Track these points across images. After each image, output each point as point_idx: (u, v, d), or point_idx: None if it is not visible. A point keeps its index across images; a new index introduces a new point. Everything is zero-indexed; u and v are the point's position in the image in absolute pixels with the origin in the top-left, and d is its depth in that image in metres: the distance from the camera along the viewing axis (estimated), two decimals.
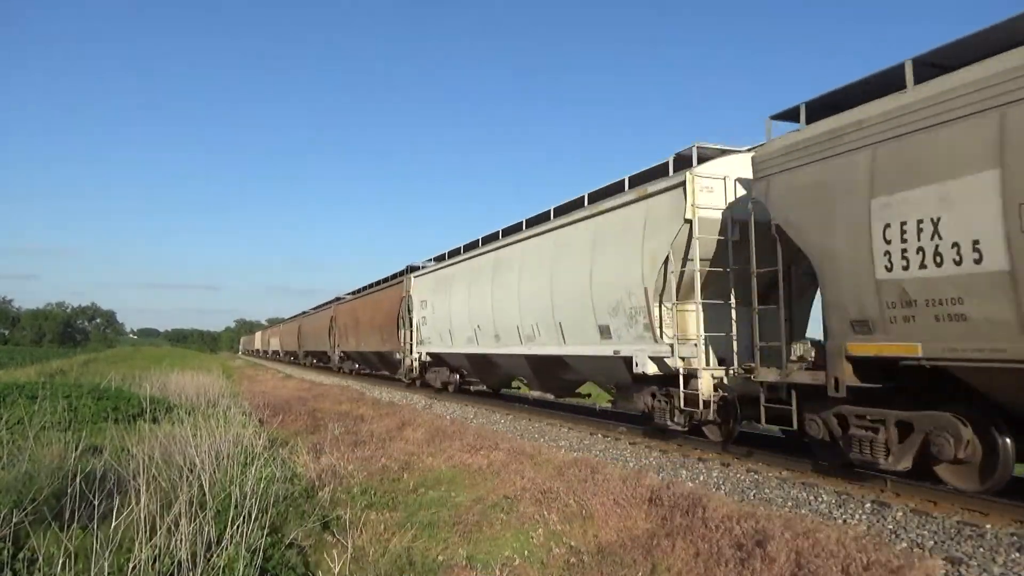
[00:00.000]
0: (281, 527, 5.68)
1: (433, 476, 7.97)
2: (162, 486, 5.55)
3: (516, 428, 13.10)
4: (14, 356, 53.55)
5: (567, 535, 5.54)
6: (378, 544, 5.43)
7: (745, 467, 8.70)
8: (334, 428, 11.21)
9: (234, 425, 8.68)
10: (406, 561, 5.12)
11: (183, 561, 4.20)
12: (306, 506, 6.44)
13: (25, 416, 9.36)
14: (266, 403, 15.27)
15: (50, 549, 4.18)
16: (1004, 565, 5.00)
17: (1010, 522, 5.95)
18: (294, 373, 38.18)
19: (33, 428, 8.19)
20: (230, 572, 4.20)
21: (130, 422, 10.98)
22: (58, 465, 6.40)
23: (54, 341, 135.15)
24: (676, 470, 8.79)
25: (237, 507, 4.88)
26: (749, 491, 7.57)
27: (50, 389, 13.65)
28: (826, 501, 7.00)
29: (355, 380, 30.84)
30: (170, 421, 10.37)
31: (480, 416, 15.16)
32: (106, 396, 14.00)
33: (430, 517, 6.23)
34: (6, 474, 6.38)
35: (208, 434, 7.24)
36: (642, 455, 9.88)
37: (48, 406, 10.36)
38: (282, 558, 4.81)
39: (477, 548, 5.38)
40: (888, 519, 6.27)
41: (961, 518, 6.16)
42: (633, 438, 11.30)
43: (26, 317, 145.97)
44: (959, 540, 5.59)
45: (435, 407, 17.11)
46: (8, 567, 4.33)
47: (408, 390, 23.16)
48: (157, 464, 6.05)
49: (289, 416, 13.89)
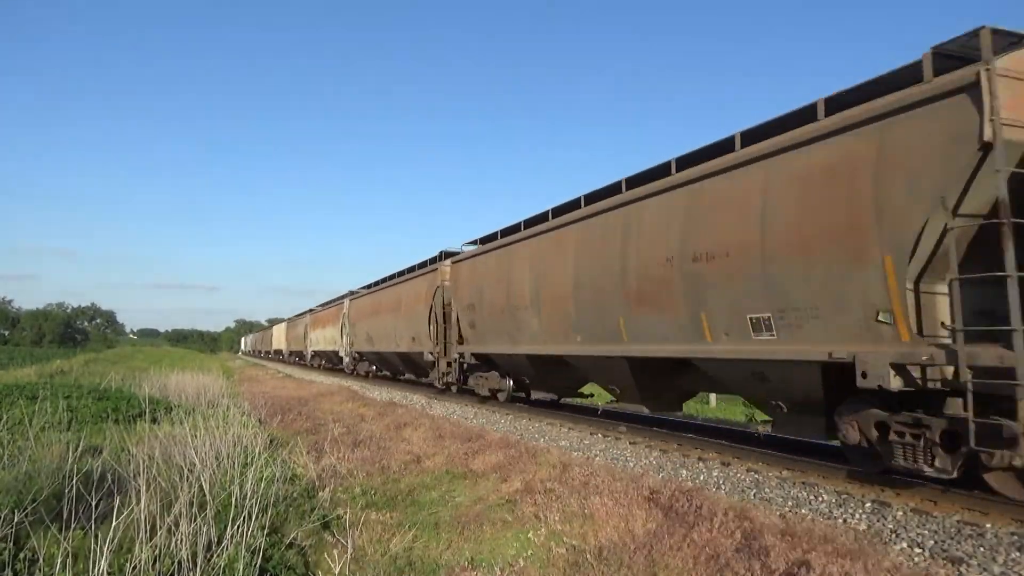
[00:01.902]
0: (281, 527, 5.68)
1: (433, 476, 7.98)
2: (162, 486, 5.55)
3: (516, 428, 13.09)
4: (14, 356, 53.52)
5: (568, 535, 5.54)
6: (378, 544, 5.43)
7: (745, 467, 8.69)
8: (334, 428, 11.21)
9: (234, 425, 8.67)
10: (406, 561, 5.12)
11: (183, 561, 4.20)
12: (306, 506, 6.44)
13: (25, 416, 9.36)
14: (266, 403, 15.29)
15: (50, 549, 4.18)
16: (1004, 565, 5.00)
17: (1010, 521, 5.94)
18: (294, 373, 38.15)
19: (33, 428, 8.19)
20: (230, 572, 4.20)
21: (130, 422, 10.97)
22: (58, 466, 6.40)
23: (54, 341, 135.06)
24: (676, 470, 8.78)
25: (237, 507, 4.88)
26: (749, 491, 7.56)
27: (50, 389, 13.67)
28: (826, 501, 6.99)
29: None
30: (170, 421, 10.38)
31: (480, 416, 15.16)
32: (106, 396, 14.02)
33: (430, 517, 6.24)
34: (6, 474, 6.38)
35: (208, 434, 7.24)
36: (642, 455, 9.87)
37: (48, 406, 10.35)
38: (282, 558, 4.81)
39: (478, 548, 5.38)
40: (888, 519, 6.27)
41: (961, 518, 6.15)
42: (633, 438, 11.29)
43: (26, 317, 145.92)
44: (959, 540, 5.58)
45: (435, 407, 17.10)
46: (9, 567, 4.33)
47: (414, 391, 23.07)
48: (157, 464, 6.05)
49: (289, 416, 13.91)
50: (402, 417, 13.41)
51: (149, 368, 26.24)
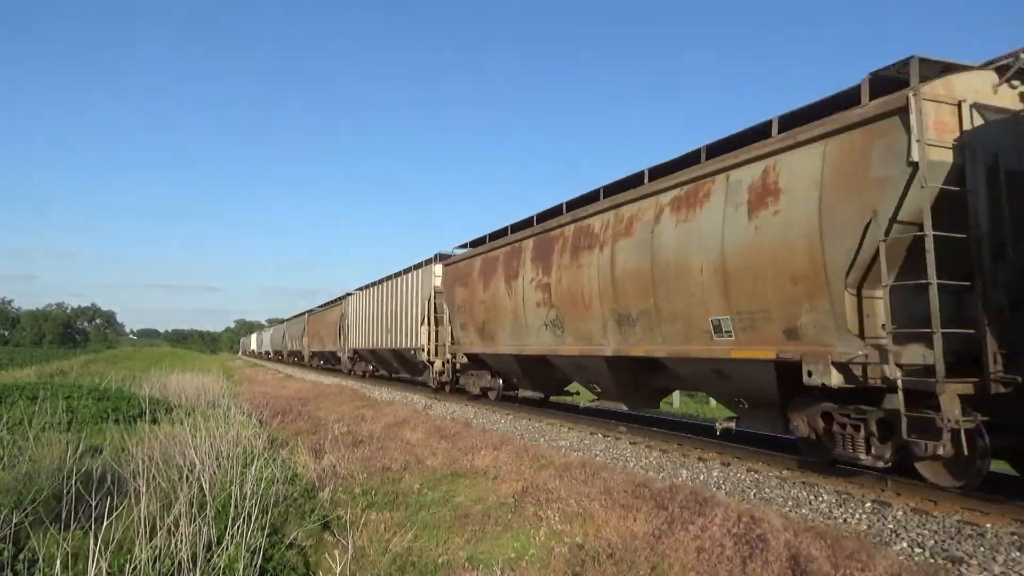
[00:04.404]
0: (281, 527, 5.67)
1: (434, 476, 7.97)
2: (162, 487, 5.55)
3: (516, 428, 13.10)
4: (14, 357, 53.58)
5: (568, 535, 5.53)
6: (379, 544, 5.43)
7: (745, 467, 8.70)
8: (334, 428, 11.21)
9: (234, 425, 8.67)
10: (407, 561, 5.12)
11: (183, 562, 4.20)
12: (306, 506, 6.44)
13: (25, 417, 9.36)
14: (266, 403, 15.29)
15: (50, 550, 4.18)
16: (1004, 564, 5.00)
17: (1010, 521, 5.95)
18: (294, 374, 38.17)
19: (33, 429, 8.19)
20: (230, 573, 4.19)
21: (130, 423, 10.97)
22: (58, 466, 6.40)
23: (54, 342, 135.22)
24: (676, 470, 8.79)
25: (237, 507, 4.87)
26: (749, 490, 7.57)
27: (50, 390, 13.65)
28: (826, 500, 7.00)
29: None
30: (170, 422, 10.38)
31: (480, 416, 15.16)
32: (106, 397, 14.01)
33: (431, 517, 6.23)
34: (6, 475, 6.37)
35: (208, 434, 7.23)
36: (642, 455, 9.88)
37: (48, 407, 10.35)
38: (282, 558, 4.81)
39: (478, 548, 5.38)
40: (888, 518, 6.27)
41: (961, 517, 6.16)
42: (633, 438, 11.30)
43: (26, 318, 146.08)
44: (959, 539, 5.59)
45: (435, 407, 17.10)
46: (8, 568, 4.32)
47: (413, 391, 23.09)
48: (157, 465, 6.05)
49: (289, 416, 13.91)
50: (402, 416, 13.41)
51: (149, 368, 26.26)
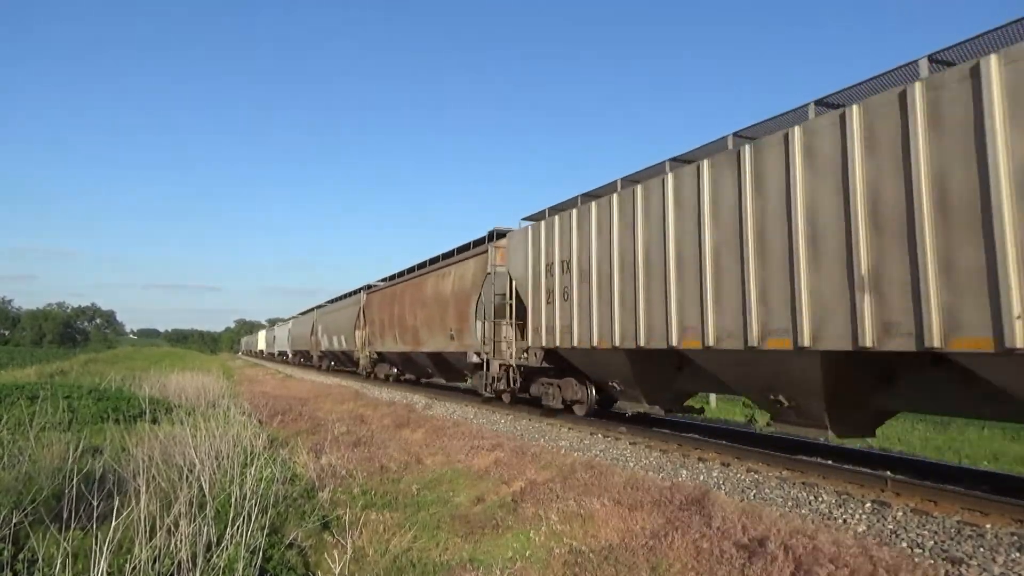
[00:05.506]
0: (281, 527, 5.68)
1: (433, 476, 7.97)
2: (162, 487, 5.56)
3: (516, 428, 13.10)
4: (14, 356, 53.61)
5: (568, 535, 5.54)
6: (378, 544, 5.43)
7: (745, 467, 8.70)
8: (334, 428, 11.21)
9: (234, 425, 8.68)
10: (406, 561, 5.12)
11: (183, 562, 4.20)
12: (306, 506, 6.45)
13: (25, 417, 9.36)
14: (266, 403, 15.29)
15: (50, 550, 4.18)
16: (1004, 565, 4.99)
17: (1010, 522, 5.94)
18: (294, 373, 38.15)
19: (33, 429, 8.19)
20: (230, 573, 4.20)
21: (130, 423, 10.97)
22: (58, 466, 6.40)
23: (54, 341, 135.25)
24: (676, 470, 8.78)
25: (237, 507, 4.88)
26: (749, 491, 7.57)
27: (50, 390, 13.66)
28: (826, 501, 6.99)
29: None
30: (170, 422, 10.38)
31: (480, 416, 15.16)
32: (106, 397, 14.02)
33: (430, 517, 6.24)
34: (6, 474, 6.38)
35: (208, 435, 7.24)
36: (642, 455, 9.87)
37: (48, 407, 10.36)
38: (282, 558, 4.81)
39: (478, 548, 5.38)
40: (888, 519, 6.27)
41: (961, 518, 6.15)
42: (633, 438, 11.29)
43: (26, 317, 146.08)
44: (959, 540, 5.58)
45: (435, 407, 17.10)
46: (8, 568, 4.33)
47: (413, 391, 23.02)
48: (157, 465, 6.05)
49: (289, 416, 13.91)
50: (402, 416, 13.41)
51: (149, 368, 26.26)
